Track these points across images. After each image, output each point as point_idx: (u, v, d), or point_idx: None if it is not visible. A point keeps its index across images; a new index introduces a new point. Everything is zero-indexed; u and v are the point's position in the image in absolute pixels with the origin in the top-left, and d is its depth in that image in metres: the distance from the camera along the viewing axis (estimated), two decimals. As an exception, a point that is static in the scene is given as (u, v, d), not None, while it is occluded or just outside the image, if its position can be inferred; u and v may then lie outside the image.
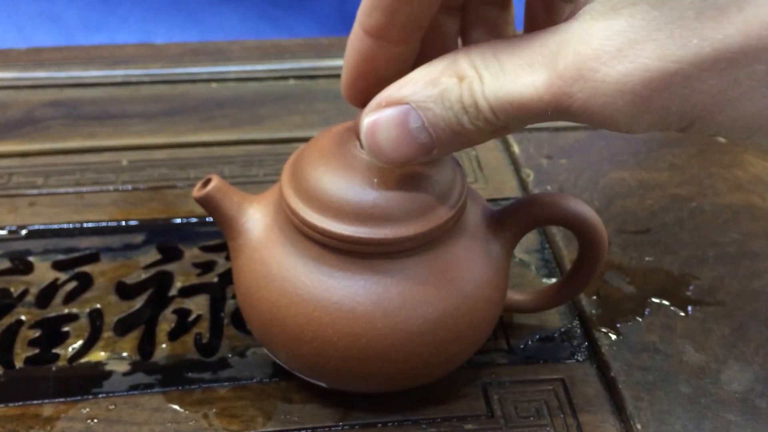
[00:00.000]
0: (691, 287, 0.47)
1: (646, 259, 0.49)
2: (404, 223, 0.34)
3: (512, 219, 0.39)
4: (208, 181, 0.38)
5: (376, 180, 0.34)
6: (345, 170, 0.35)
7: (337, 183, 0.35)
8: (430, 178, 0.35)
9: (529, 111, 0.28)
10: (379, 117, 0.31)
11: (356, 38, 0.32)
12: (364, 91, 0.34)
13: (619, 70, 0.26)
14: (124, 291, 0.47)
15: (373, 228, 0.34)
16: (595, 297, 0.47)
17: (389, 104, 0.31)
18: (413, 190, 0.35)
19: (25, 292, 0.47)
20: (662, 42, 0.25)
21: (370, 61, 0.32)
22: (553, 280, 0.48)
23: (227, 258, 0.50)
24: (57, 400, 0.41)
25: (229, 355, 0.43)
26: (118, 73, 0.68)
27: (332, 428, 0.40)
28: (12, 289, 0.47)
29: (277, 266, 0.36)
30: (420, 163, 0.34)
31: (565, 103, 0.27)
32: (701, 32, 0.25)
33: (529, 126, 0.60)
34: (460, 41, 0.37)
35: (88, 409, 0.40)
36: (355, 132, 0.34)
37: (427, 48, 0.34)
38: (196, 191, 0.38)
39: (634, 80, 0.26)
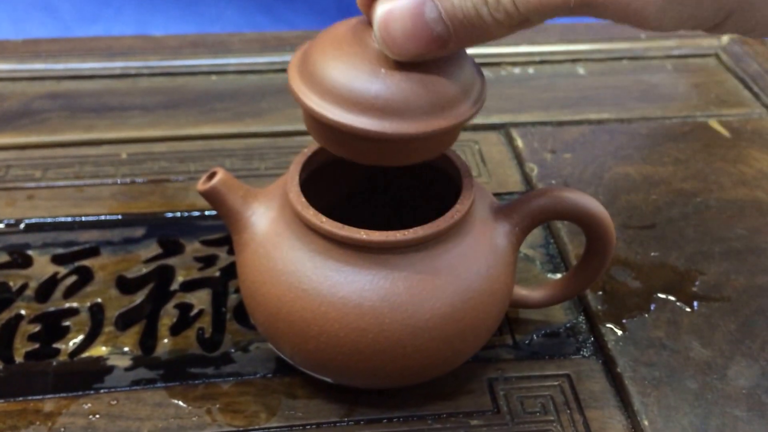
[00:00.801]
0: (697, 283, 0.47)
1: (652, 254, 0.49)
2: (421, 118, 0.32)
3: (519, 213, 0.39)
4: (213, 175, 0.38)
5: (383, 70, 0.32)
6: (355, 58, 0.32)
7: (344, 71, 0.32)
8: (446, 73, 0.33)
9: (552, 3, 0.27)
10: (393, 6, 0.29)
11: None
12: None
13: None
14: (125, 285, 0.47)
15: (383, 121, 0.32)
16: (600, 292, 0.46)
17: None
18: (426, 83, 0.32)
19: (24, 286, 0.46)
20: None
21: None
22: (558, 275, 0.48)
23: (229, 252, 0.49)
24: (58, 395, 0.40)
25: (232, 350, 0.43)
26: (117, 65, 0.68)
27: (337, 424, 0.39)
28: (11, 283, 0.46)
29: (283, 261, 0.36)
30: (433, 57, 0.31)
31: None
32: None
33: (533, 120, 0.61)
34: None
35: (89, 405, 0.40)
36: (369, 21, 0.32)
37: None
38: (201, 184, 0.38)
39: None
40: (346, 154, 0.35)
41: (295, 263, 0.36)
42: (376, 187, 0.45)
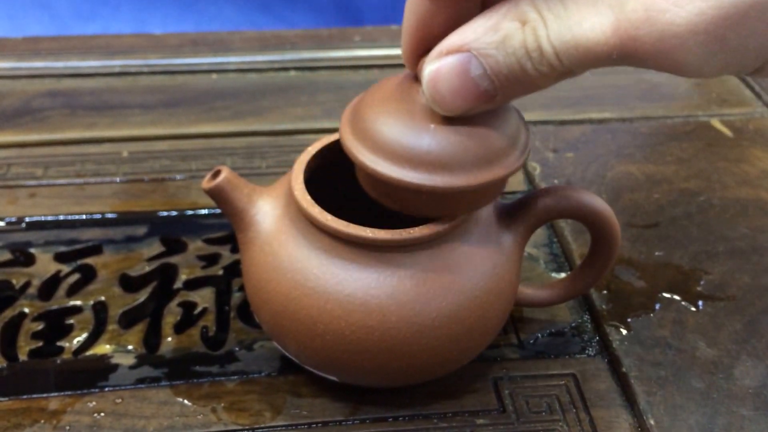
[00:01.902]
0: (701, 282, 0.47)
1: (656, 253, 0.49)
2: (471, 171, 0.33)
3: (524, 212, 0.39)
4: (217, 173, 0.37)
5: (433, 126, 0.32)
6: (405, 114, 0.33)
7: (396, 128, 0.33)
8: (494, 126, 0.33)
9: (594, 55, 0.27)
10: (440, 66, 0.30)
11: (414, 1, 0.31)
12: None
13: (689, 10, 0.24)
14: (128, 283, 0.47)
15: (435, 175, 0.32)
16: (605, 291, 0.46)
17: (450, 52, 0.30)
18: (475, 137, 0.33)
19: (27, 284, 0.46)
20: None
21: (430, 24, 0.31)
22: (562, 274, 0.48)
23: (232, 250, 0.49)
24: (63, 393, 0.40)
25: (237, 349, 0.43)
26: (117, 63, 0.68)
27: (342, 423, 0.39)
28: (14, 281, 0.46)
29: (289, 258, 0.36)
30: (482, 110, 0.32)
31: (632, 47, 0.26)
32: None
33: (535, 119, 0.61)
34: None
35: (94, 403, 0.39)
36: (415, 76, 0.33)
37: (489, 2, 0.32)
38: (206, 182, 0.37)
39: (708, 19, 0.24)
40: (400, 208, 0.35)
41: (301, 261, 0.35)
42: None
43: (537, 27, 0.28)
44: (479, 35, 0.29)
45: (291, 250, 0.36)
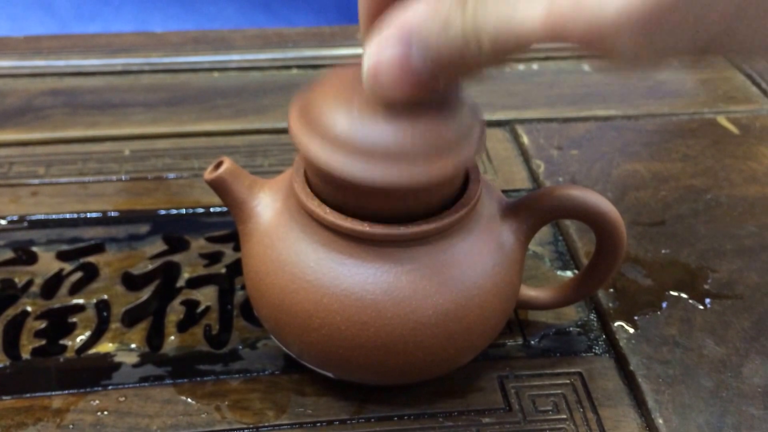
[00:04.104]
0: (708, 280, 0.47)
1: (663, 251, 0.49)
2: (421, 163, 0.32)
3: (527, 211, 0.38)
4: (219, 164, 0.37)
5: (383, 118, 0.32)
6: (351, 106, 0.32)
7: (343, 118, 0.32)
8: (446, 122, 0.33)
9: (528, 41, 0.27)
10: (379, 59, 0.29)
11: None
12: None
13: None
14: (131, 282, 0.46)
15: (389, 166, 0.32)
16: (611, 290, 0.46)
17: (389, 40, 0.29)
18: (428, 132, 0.32)
19: (29, 283, 0.46)
20: None
21: (382, 4, 0.31)
22: (568, 272, 0.48)
23: (234, 249, 0.49)
24: (66, 391, 0.40)
25: (240, 347, 0.42)
26: (118, 61, 0.67)
27: (347, 421, 0.39)
28: (16, 280, 0.46)
29: (287, 251, 0.35)
30: (428, 97, 0.31)
31: (563, 35, 0.25)
32: None
33: (539, 117, 0.60)
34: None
35: (98, 401, 0.39)
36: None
37: None
38: (208, 173, 0.37)
39: (637, 9, 0.23)
40: (343, 202, 0.34)
41: (299, 254, 0.35)
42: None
43: (477, 9, 0.27)
44: (420, 19, 0.28)
45: (289, 243, 0.36)
